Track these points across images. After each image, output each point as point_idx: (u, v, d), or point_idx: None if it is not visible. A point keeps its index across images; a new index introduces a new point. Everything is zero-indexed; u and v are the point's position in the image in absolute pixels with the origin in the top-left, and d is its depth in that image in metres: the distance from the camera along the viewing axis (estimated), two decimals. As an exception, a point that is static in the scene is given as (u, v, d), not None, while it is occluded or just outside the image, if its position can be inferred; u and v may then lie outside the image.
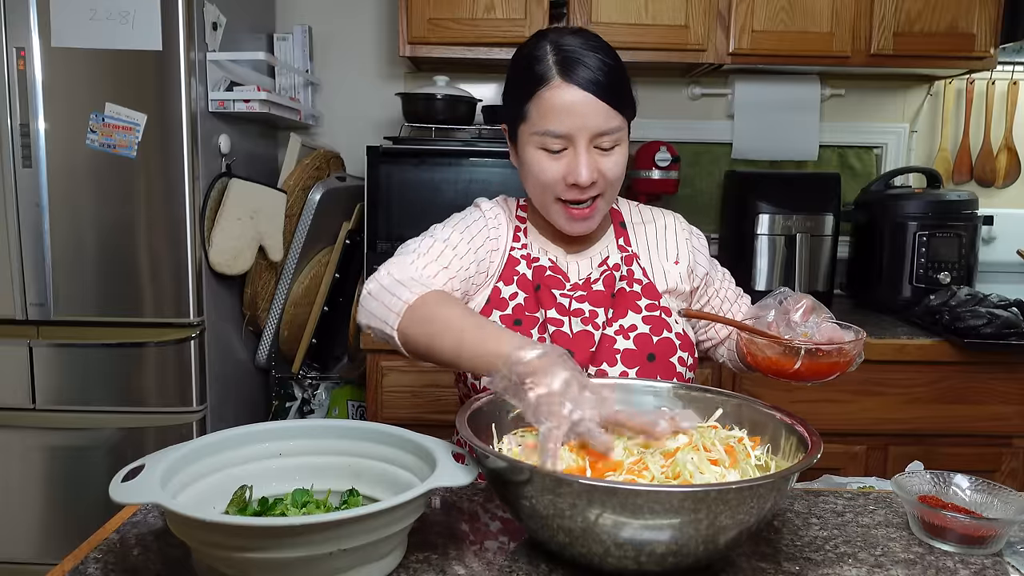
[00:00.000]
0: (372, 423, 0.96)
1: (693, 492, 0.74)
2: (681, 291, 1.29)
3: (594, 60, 1.13)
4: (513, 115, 1.20)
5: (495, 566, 0.86)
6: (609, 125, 1.14)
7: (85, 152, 1.93)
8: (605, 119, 1.13)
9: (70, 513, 2.06)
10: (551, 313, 1.20)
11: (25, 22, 1.89)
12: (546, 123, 1.14)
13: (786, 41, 2.27)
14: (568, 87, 1.12)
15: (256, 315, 2.31)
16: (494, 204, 1.30)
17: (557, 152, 1.15)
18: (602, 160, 1.15)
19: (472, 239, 1.22)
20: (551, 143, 1.15)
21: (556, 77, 1.13)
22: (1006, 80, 2.66)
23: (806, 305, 1.13)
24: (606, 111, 1.13)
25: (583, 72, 1.12)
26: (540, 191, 1.20)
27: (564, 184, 1.16)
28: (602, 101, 1.12)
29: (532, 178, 1.19)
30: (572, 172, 1.14)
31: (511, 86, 1.21)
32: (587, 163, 1.13)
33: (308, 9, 2.62)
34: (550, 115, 1.13)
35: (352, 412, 2.50)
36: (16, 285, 1.98)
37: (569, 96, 1.12)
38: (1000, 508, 0.95)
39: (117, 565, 0.85)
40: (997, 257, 2.66)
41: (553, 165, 1.16)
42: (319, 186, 2.37)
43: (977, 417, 2.07)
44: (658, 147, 2.40)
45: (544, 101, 1.14)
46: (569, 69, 1.12)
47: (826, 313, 1.14)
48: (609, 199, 1.21)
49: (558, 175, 1.15)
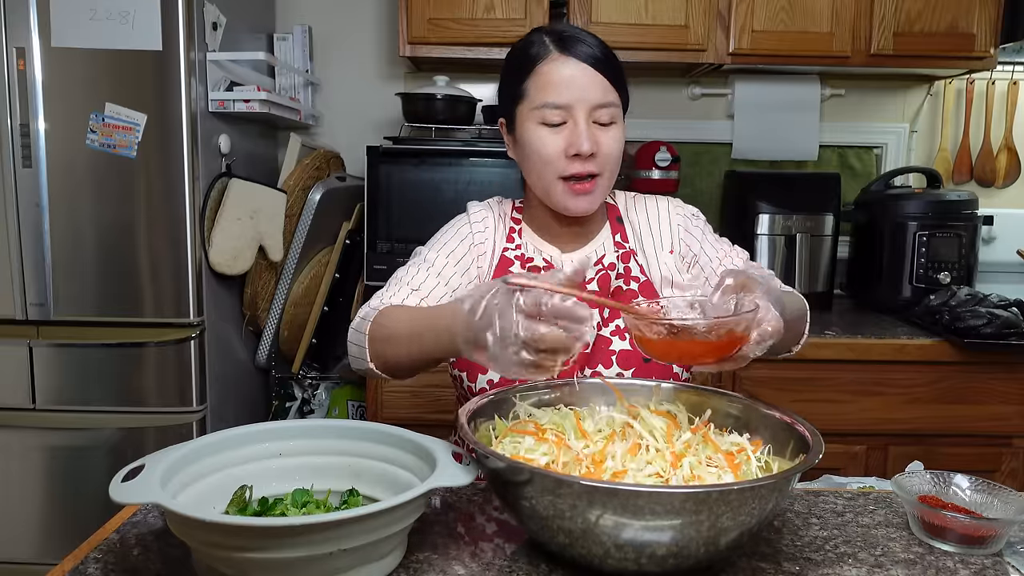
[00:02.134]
0: (372, 423, 0.96)
1: (694, 493, 0.74)
2: (678, 282, 1.28)
3: (590, 38, 1.18)
4: (511, 98, 1.22)
5: (495, 566, 0.86)
6: (607, 98, 1.16)
7: (85, 152, 1.93)
8: (603, 92, 1.16)
9: (70, 513, 2.06)
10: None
11: (25, 22, 1.89)
12: (545, 95, 1.16)
13: (786, 41, 2.27)
14: (566, 59, 1.16)
15: (256, 315, 2.31)
16: (483, 207, 1.31)
17: (557, 126, 1.17)
18: (600, 134, 1.17)
19: (453, 253, 1.25)
20: (551, 115, 1.16)
21: (554, 51, 1.17)
22: (1006, 80, 2.66)
23: (729, 284, 0.94)
24: (604, 84, 1.16)
25: (581, 47, 1.16)
26: (541, 169, 1.19)
27: (565, 158, 1.16)
28: (600, 74, 1.16)
29: (533, 156, 1.19)
30: (573, 143, 1.15)
31: (507, 74, 1.24)
32: (587, 134, 1.15)
33: (308, 9, 2.62)
34: (549, 87, 1.16)
35: (352, 412, 2.50)
36: (16, 285, 1.98)
37: (568, 68, 1.16)
38: (1000, 508, 0.95)
39: (117, 565, 0.85)
40: (997, 257, 2.66)
41: (554, 139, 1.17)
42: (319, 186, 2.37)
43: (977, 417, 2.07)
44: (658, 147, 2.40)
45: (542, 75, 1.16)
46: (567, 44, 1.17)
47: (760, 291, 0.92)
48: (608, 179, 1.21)
49: (559, 148, 1.16)
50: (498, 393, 1.01)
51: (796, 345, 1.18)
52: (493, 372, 1.17)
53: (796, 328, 1.14)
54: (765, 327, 0.88)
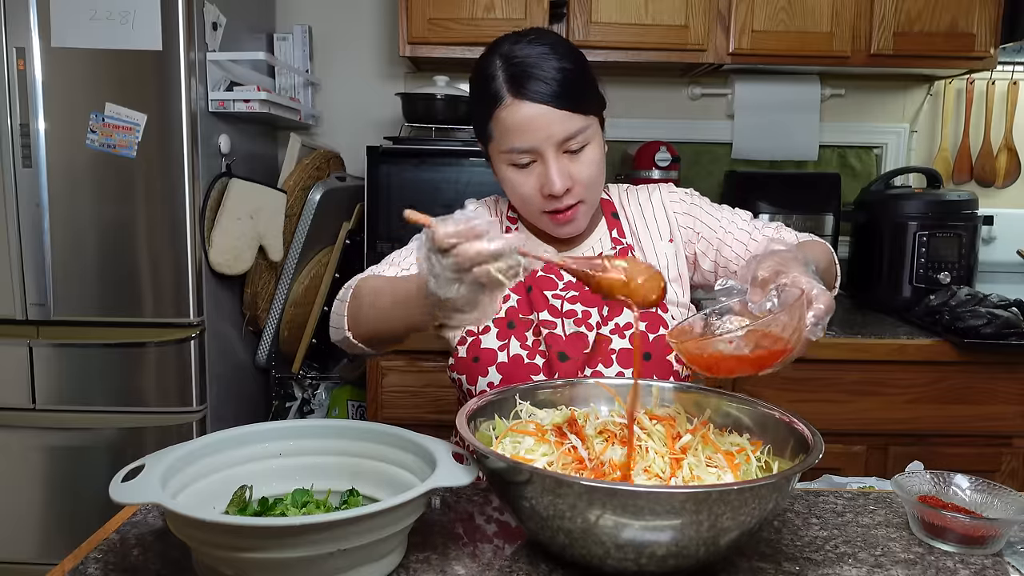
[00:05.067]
0: (372, 423, 0.96)
1: (694, 493, 0.74)
2: (676, 273, 1.27)
3: (546, 69, 1.10)
4: (480, 134, 1.21)
5: (495, 567, 0.85)
6: (572, 129, 1.12)
7: (85, 152, 1.93)
8: (566, 125, 1.11)
9: (70, 513, 2.06)
10: (544, 315, 1.20)
11: (25, 22, 1.89)
12: (509, 141, 1.13)
13: (786, 41, 2.27)
14: (521, 103, 1.11)
15: (256, 315, 2.31)
16: (480, 204, 1.31)
17: (526, 165, 1.15)
18: (573, 164, 1.14)
19: None
20: (518, 158, 1.15)
21: (507, 96, 1.11)
22: (1006, 80, 2.66)
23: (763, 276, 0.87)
24: (565, 117, 1.11)
25: (533, 85, 1.10)
26: (522, 206, 1.21)
27: (541, 196, 1.16)
28: (559, 109, 1.11)
29: (512, 194, 1.21)
30: (545, 184, 1.14)
31: (472, 106, 1.21)
32: (558, 171, 1.12)
33: (308, 9, 2.62)
34: (510, 133, 1.13)
35: (352, 412, 2.50)
36: (16, 285, 1.98)
37: (524, 112, 1.11)
38: (1000, 508, 0.95)
39: (117, 565, 0.85)
40: (997, 257, 2.66)
41: (527, 180, 1.16)
42: (319, 186, 2.37)
43: (977, 417, 2.07)
44: (658, 147, 2.40)
45: (501, 121, 1.13)
46: (519, 84, 1.11)
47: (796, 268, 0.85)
48: (591, 200, 1.20)
49: (533, 189, 1.16)
50: (498, 393, 1.01)
51: (832, 291, 1.12)
52: (493, 375, 1.18)
53: (829, 280, 1.11)
54: (818, 306, 0.82)
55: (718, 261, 1.25)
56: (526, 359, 1.18)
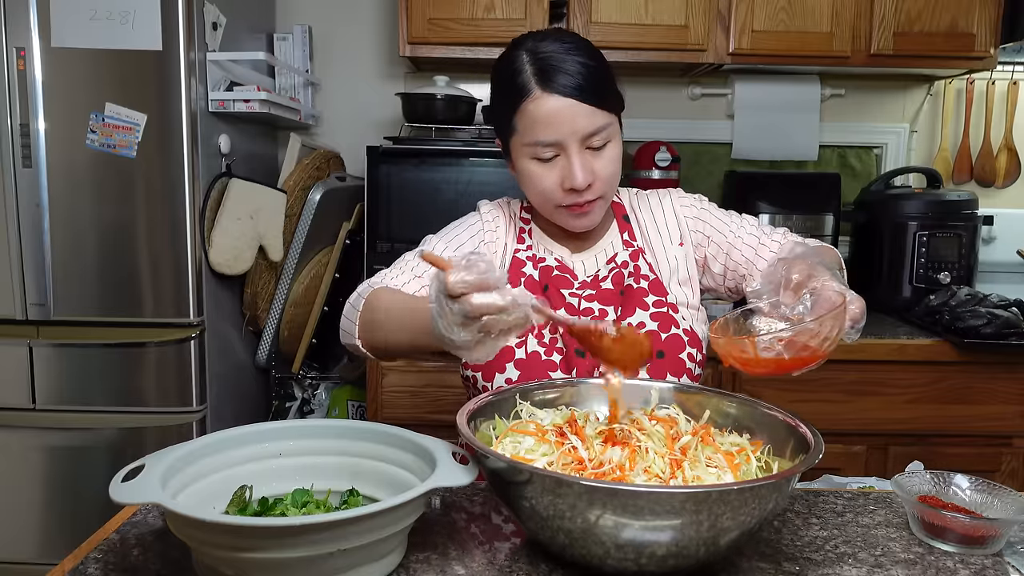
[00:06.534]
0: (372, 423, 0.96)
1: (694, 493, 0.74)
2: (686, 275, 1.28)
3: (572, 64, 1.13)
4: (502, 128, 1.22)
5: (495, 567, 0.85)
6: (596, 124, 1.14)
7: (85, 152, 1.93)
8: (591, 120, 1.13)
9: (70, 513, 2.06)
10: (560, 314, 1.20)
11: (25, 22, 1.89)
12: (534, 134, 1.15)
13: (786, 41, 2.27)
14: (549, 96, 1.12)
15: (256, 315, 2.31)
16: (494, 206, 1.33)
17: (550, 160, 1.16)
18: (595, 160, 1.16)
19: (462, 247, 1.26)
20: (542, 152, 1.16)
21: (536, 88, 1.13)
22: (1006, 80, 2.66)
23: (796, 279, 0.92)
24: (591, 112, 1.13)
25: (562, 79, 1.12)
26: (540, 200, 1.21)
27: (562, 190, 1.17)
28: (585, 104, 1.12)
29: (531, 188, 1.21)
30: (567, 177, 1.15)
31: (496, 100, 1.22)
32: (581, 166, 1.14)
33: (308, 9, 2.62)
34: (536, 126, 1.14)
35: (352, 412, 2.50)
36: (16, 285, 1.98)
37: (551, 105, 1.12)
38: (1000, 508, 0.95)
39: (117, 565, 0.85)
40: (997, 257, 2.66)
41: (549, 174, 1.17)
42: (319, 186, 2.37)
43: (977, 417, 2.07)
44: (658, 147, 2.40)
45: (528, 114, 1.14)
46: (547, 78, 1.12)
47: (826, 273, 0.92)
48: (608, 197, 1.22)
49: (555, 183, 1.17)
50: (498, 393, 1.01)
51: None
52: (511, 371, 1.18)
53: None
54: (854, 310, 0.88)
55: (727, 265, 1.27)
56: (543, 356, 1.19)
